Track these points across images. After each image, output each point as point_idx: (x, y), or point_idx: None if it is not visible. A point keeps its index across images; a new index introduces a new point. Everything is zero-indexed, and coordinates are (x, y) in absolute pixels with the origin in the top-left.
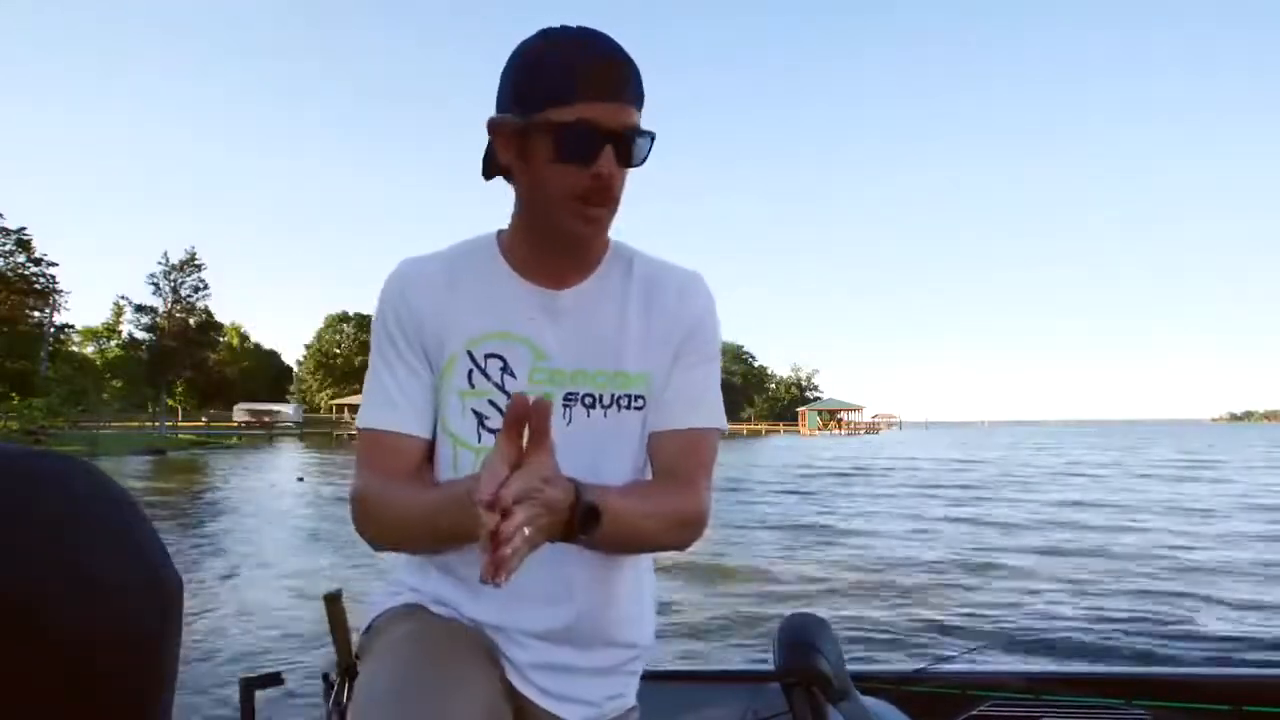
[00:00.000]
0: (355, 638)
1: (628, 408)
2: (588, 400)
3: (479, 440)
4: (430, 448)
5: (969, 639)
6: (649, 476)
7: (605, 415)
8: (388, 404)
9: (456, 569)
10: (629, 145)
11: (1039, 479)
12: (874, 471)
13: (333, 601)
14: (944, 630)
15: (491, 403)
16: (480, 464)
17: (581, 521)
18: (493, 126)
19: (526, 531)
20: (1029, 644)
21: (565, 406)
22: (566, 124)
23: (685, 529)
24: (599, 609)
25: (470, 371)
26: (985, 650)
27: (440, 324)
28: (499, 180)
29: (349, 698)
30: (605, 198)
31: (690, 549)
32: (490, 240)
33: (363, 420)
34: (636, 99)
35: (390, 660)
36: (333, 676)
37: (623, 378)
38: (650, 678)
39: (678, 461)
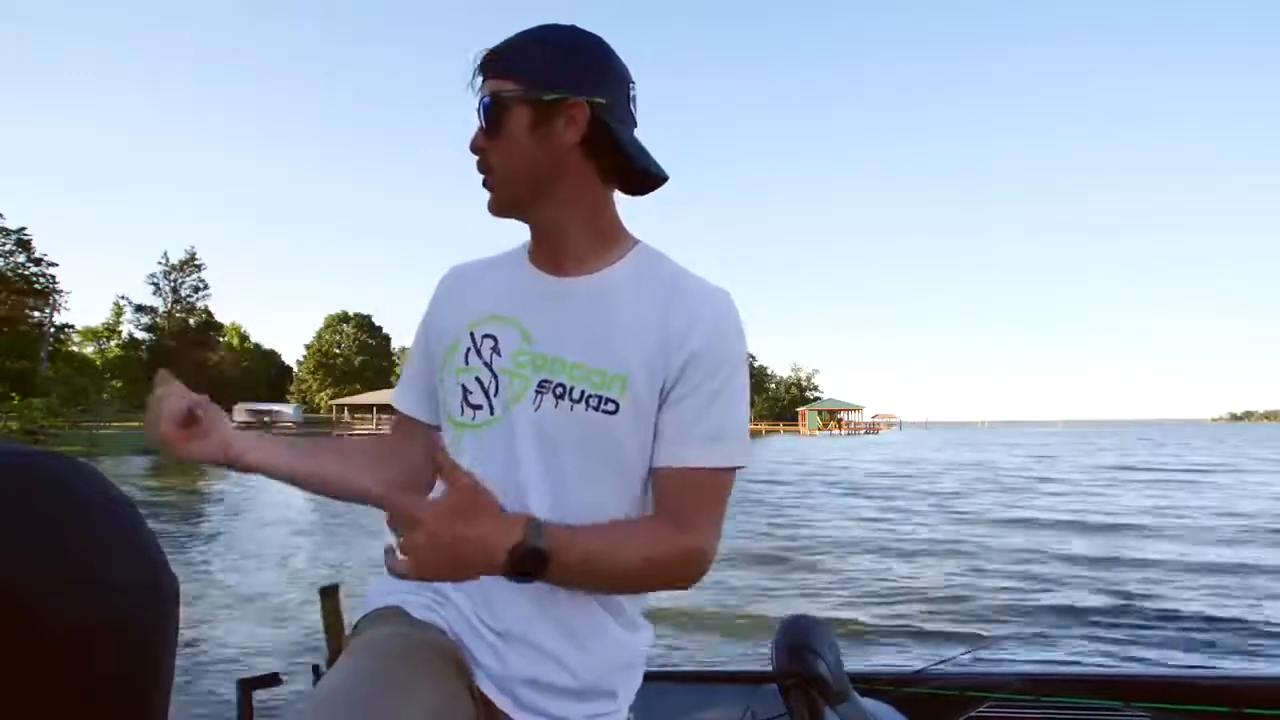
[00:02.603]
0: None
1: (596, 409)
2: (558, 390)
3: (461, 414)
4: (422, 429)
5: (968, 640)
6: (630, 494)
7: (571, 410)
8: (404, 389)
9: None
10: (486, 115)
11: (1033, 481)
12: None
13: (328, 595)
14: (943, 632)
15: (477, 379)
16: (459, 440)
17: (518, 561)
18: None
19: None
20: (1028, 645)
21: (538, 393)
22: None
23: (678, 569)
24: (573, 619)
25: (468, 350)
26: (984, 652)
27: (450, 313)
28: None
29: None
30: (481, 167)
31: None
32: (527, 241)
33: (393, 397)
34: (497, 70)
35: (343, 665)
36: (323, 669)
37: (599, 375)
38: (648, 678)
39: (680, 501)
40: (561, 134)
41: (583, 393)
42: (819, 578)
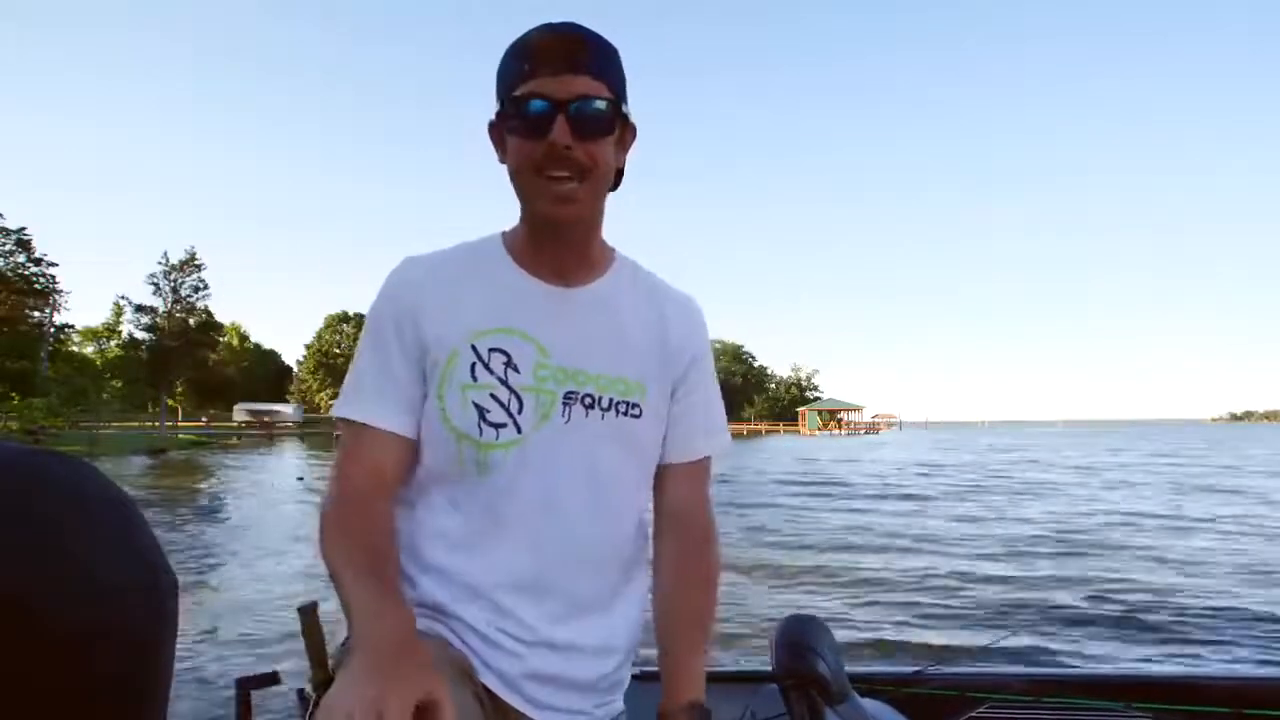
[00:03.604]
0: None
1: (625, 414)
2: (586, 400)
3: (480, 434)
4: (405, 446)
5: (968, 641)
6: (649, 489)
7: (603, 418)
8: (380, 398)
9: (452, 578)
10: (585, 115)
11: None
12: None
13: (307, 613)
14: (944, 632)
15: (493, 396)
16: (480, 458)
17: None
18: (489, 129)
19: None
20: (1028, 646)
21: (565, 405)
22: (518, 98)
23: (718, 577)
24: (596, 618)
25: (474, 365)
26: (984, 652)
27: (442, 319)
28: (494, 181)
29: None
30: (566, 165)
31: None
32: (495, 239)
33: (350, 410)
34: (593, 70)
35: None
36: (309, 692)
37: (622, 384)
38: (646, 678)
39: (688, 494)
40: (623, 154)
41: (611, 400)
42: (819, 577)
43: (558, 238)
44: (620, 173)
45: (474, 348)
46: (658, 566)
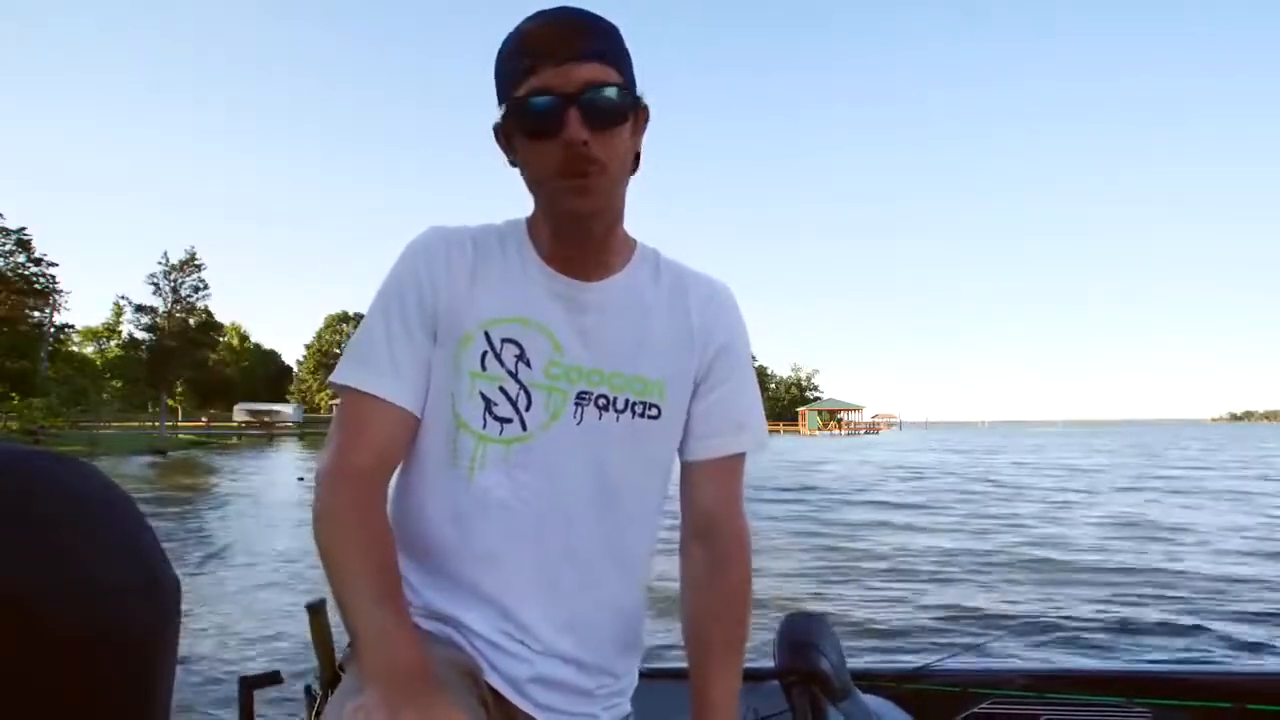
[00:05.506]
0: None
1: (641, 415)
2: (601, 402)
3: (483, 426)
4: (412, 422)
5: (970, 637)
6: (660, 493)
7: (617, 420)
8: (395, 370)
9: (455, 580)
10: (596, 105)
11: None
12: None
13: (315, 611)
14: (945, 628)
15: (502, 389)
16: (479, 450)
17: None
18: (495, 134)
19: None
20: (1030, 642)
21: (577, 405)
22: (522, 97)
23: (750, 588)
24: (601, 623)
25: (485, 354)
26: (986, 648)
27: (459, 299)
28: (496, 180)
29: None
30: (584, 166)
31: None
32: (520, 226)
33: (359, 378)
34: (596, 54)
35: (358, 682)
36: (316, 689)
37: (640, 383)
38: (649, 676)
39: (717, 495)
40: (639, 137)
41: (627, 401)
42: (820, 575)
43: (580, 232)
44: (637, 156)
45: (487, 335)
46: (684, 575)
